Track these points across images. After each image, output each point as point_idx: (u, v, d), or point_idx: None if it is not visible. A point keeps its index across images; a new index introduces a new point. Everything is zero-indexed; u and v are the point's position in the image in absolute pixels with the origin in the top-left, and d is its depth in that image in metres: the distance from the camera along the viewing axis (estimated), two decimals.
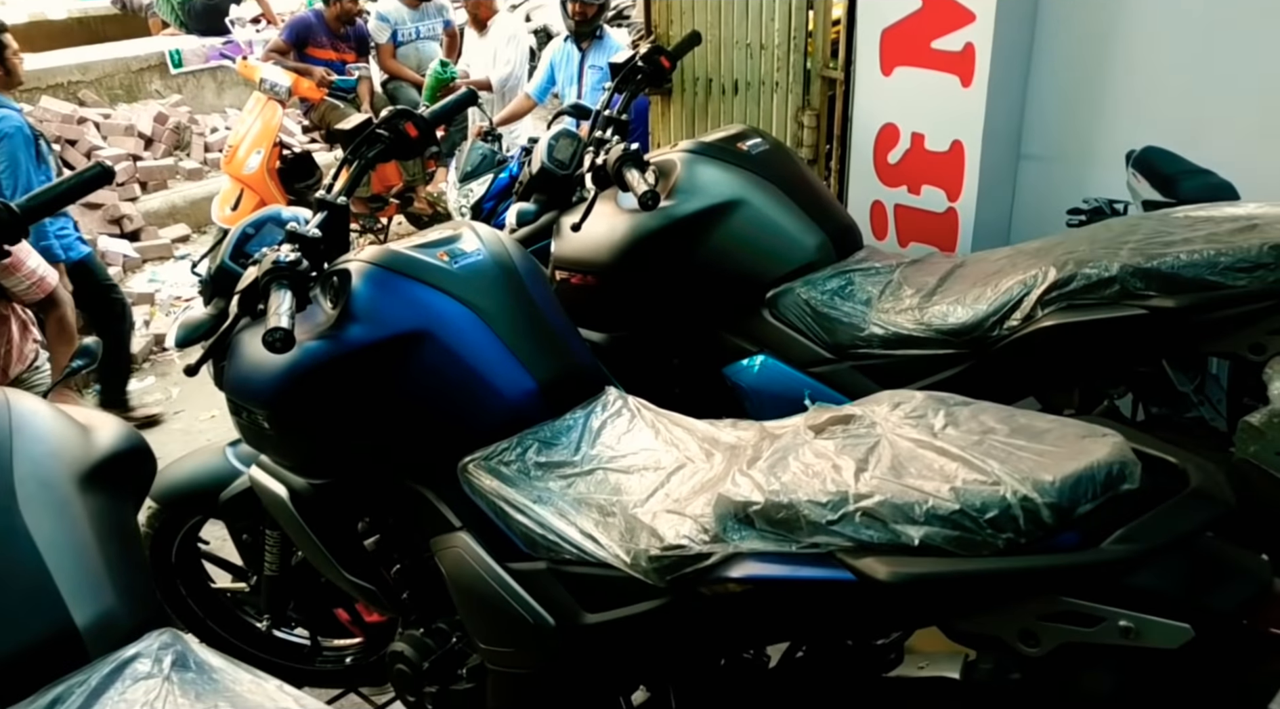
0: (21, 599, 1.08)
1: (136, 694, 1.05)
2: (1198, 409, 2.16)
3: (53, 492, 1.16)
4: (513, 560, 1.49)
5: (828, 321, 2.01)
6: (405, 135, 1.93)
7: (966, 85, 2.27)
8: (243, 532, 2.20)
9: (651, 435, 1.51)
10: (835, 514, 1.09)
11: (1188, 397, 2.15)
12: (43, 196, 1.54)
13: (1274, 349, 1.60)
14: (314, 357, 1.59)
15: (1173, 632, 0.96)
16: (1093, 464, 1.03)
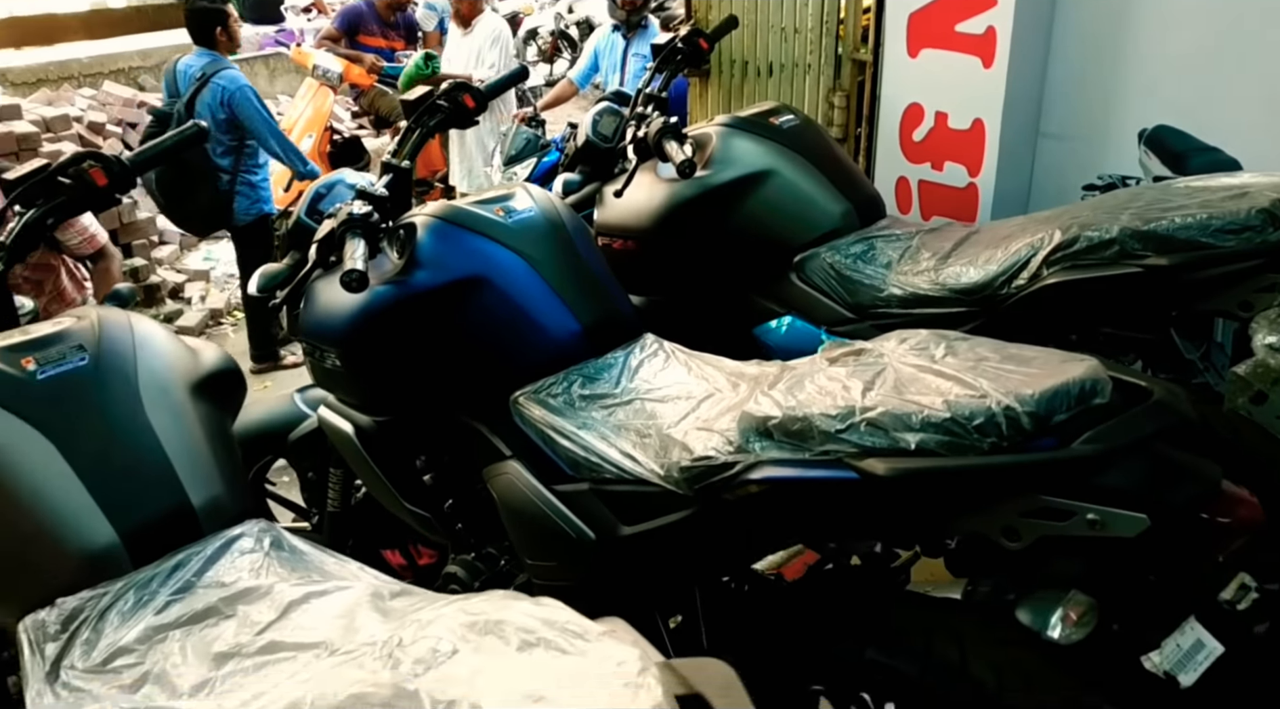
0: (149, 481, 1.27)
1: (243, 564, 1.24)
2: (1203, 375, 2.29)
3: (169, 397, 1.35)
4: (558, 483, 1.66)
5: (850, 284, 2.16)
6: (463, 106, 2.12)
7: (988, 66, 2.41)
8: (308, 471, 2.40)
9: (684, 371, 1.67)
10: (843, 424, 1.25)
11: (1194, 363, 2.28)
12: (147, 152, 1.73)
13: (1261, 306, 1.73)
14: (382, 300, 1.78)
15: (1132, 522, 1.11)
16: (1069, 381, 1.19)
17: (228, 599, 1.16)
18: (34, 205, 1.55)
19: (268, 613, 1.13)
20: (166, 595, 1.18)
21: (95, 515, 1.22)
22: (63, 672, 1.13)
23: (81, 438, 1.25)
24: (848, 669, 1.43)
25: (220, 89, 4.32)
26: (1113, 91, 2.39)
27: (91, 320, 1.37)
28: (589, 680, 0.86)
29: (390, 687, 0.89)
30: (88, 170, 1.56)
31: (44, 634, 1.16)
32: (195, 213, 4.52)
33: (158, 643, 1.12)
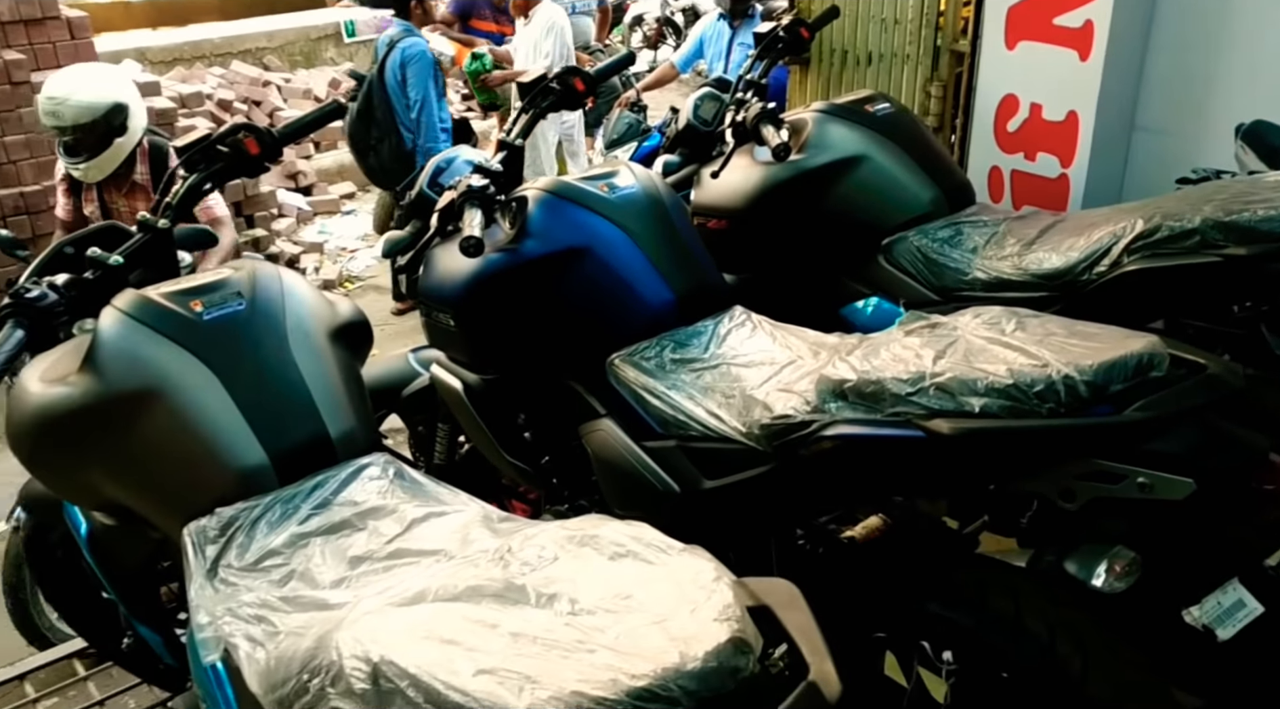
0: (294, 412, 1.45)
1: (372, 487, 1.41)
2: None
3: (311, 340, 1.53)
4: (647, 439, 1.80)
5: (936, 267, 2.24)
6: (573, 89, 2.28)
7: (1084, 59, 2.45)
8: (418, 425, 2.59)
9: (769, 340, 1.79)
10: (913, 388, 1.36)
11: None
12: (294, 126, 1.92)
13: None
14: (494, 266, 1.94)
15: (1179, 486, 1.20)
16: (1128, 354, 1.27)
17: (360, 514, 1.34)
18: (196, 170, 1.75)
19: (394, 527, 1.30)
20: (308, 509, 1.35)
21: (249, 439, 1.41)
22: (220, 570, 1.32)
23: (238, 371, 1.44)
24: (909, 620, 1.54)
25: (402, 53, 4.90)
26: (1211, 85, 2.41)
27: (248, 271, 1.56)
28: (669, 584, 1.00)
29: (502, 581, 1.04)
30: (243, 140, 1.73)
31: (205, 538, 1.35)
32: (379, 166, 5.07)
33: (301, 548, 1.29)
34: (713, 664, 0.88)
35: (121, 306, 1.47)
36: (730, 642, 0.91)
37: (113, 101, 3.29)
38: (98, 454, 1.46)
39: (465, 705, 0.87)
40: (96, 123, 3.27)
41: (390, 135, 4.96)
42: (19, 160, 4.88)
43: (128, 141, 3.39)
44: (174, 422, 1.41)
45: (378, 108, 4.92)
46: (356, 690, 0.96)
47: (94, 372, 1.43)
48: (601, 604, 0.98)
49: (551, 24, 5.61)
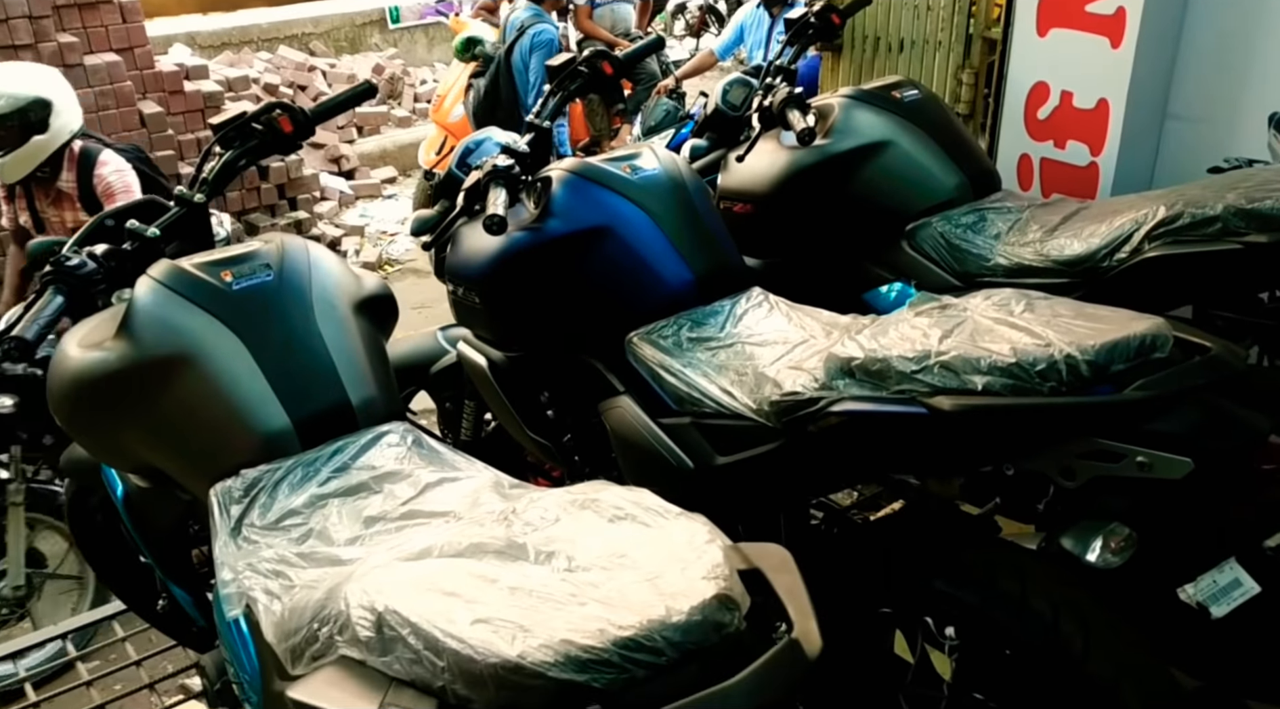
0: (317, 380, 1.51)
1: (390, 454, 1.46)
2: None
3: (336, 311, 1.59)
4: (663, 416, 1.84)
5: (959, 253, 2.24)
6: (602, 72, 2.31)
7: (1116, 46, 2.44)
8: (445, 401, 2.65)
9: (785, 320, 1.82)
10: (918, 366, 1.38)
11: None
12: (324, 105, 1.97)
13: None
14: (519, 244, 1.98)
15: (1177, 465, 1.21)
16: (1131, 335, 1.28)
17: (377, 478, 1.39)
18: (231, 147, 1.81)
19: (408, 490, 1.35)
20: (328, 472, 1.41)
21: (274, 404, 1.46)
22: (244, 528, 1.37)
23: (265, 339, 1.50)
24: (915, 596, 1.57)
25: (532, 39, 5.16)
26: (1245, 74, 2.38)
27: (277, 244, 1.62)
28: (663, 545, 1.04)
29: (504, 539, 1.08)
30: (277, 118, 1.79)
31: (230, 498, 1.41)
32: None
33: (319, 508, 1.35)
34: (697, 618, 0.92)
35: (156, 276, 1.53)
36: (716, 598, 0.94)
37: (34, 96, 3.24)
38: (131, 416, 1.52)
39: (461, 651, 0.91)
40: (13, 116, 3.22)
41: (514, 114, 5.18)
42: None
43: (48, 142, 3.32)
44: (203, 386, 1.47)
45: (503, 88, 5.21)
46: (362, 638, 1.00)
47: (129, 337, 1.49)
48: (597, 562, 1.02)
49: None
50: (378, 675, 0.98)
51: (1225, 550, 1.35)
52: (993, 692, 1.58)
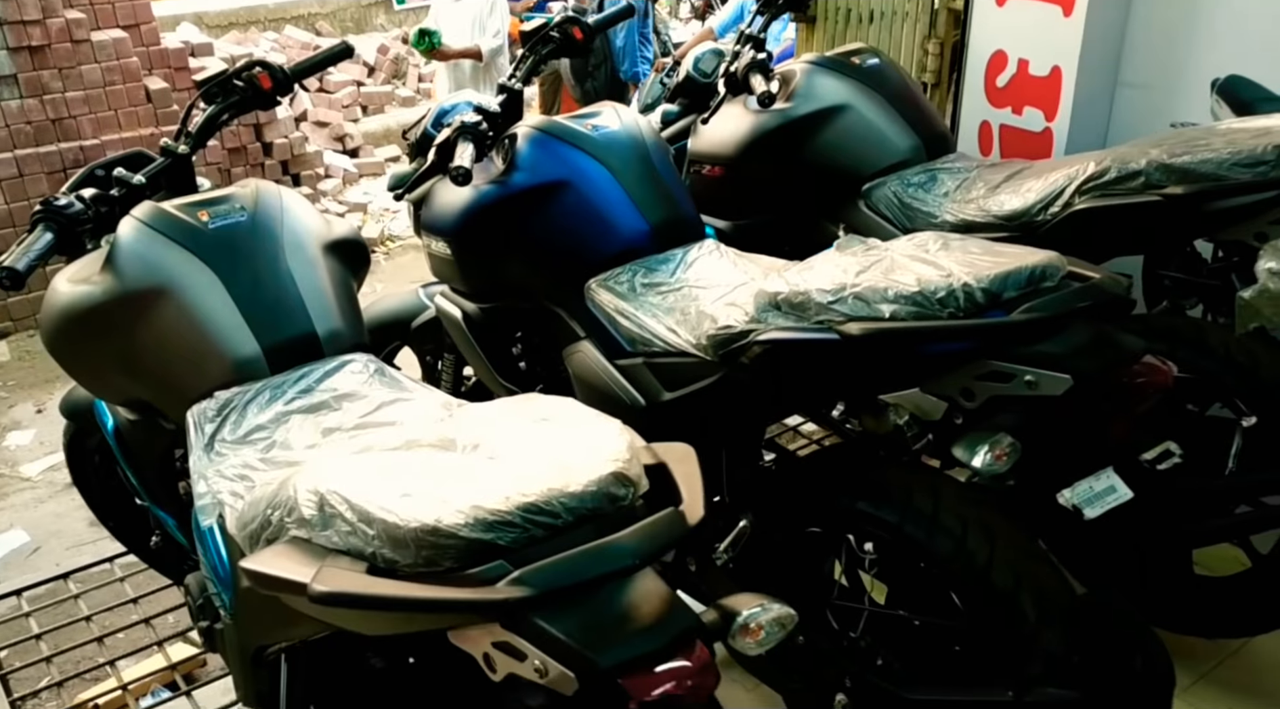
0: (284, 312, 1.63)
1: (352, 379, 1.59)
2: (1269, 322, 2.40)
3: (305, 251, 1.71)
4: (619, 358, 1.96)
5: (910, 211, 2.35)
6: (572, 38, 2.42)
7: (1068, 15, 2.53)
8: (426, 355, 2.78)
9: (730, 267, 1.94)
10: (834, 297, 1.50)
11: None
12: (303, 64, 2.09)
13: (1275, 237, 1.86)
14: (486, 196, 2.11)
15: (1058, 382, 1.33)
16: (1023, 265, 1.40)
17: (337, 398, 1.52)
18: (214, 102, 1.94)
19: (365, 407, 1.48)
20: (293, 393, 1.54)
21: (245, 333, 1.59)
22: (216, 443, 1.51)
23: (238, 274, 1.62)
24: (841, 517, 1.69)
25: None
26: (1191, 41, 2.48)
27: (252, 188, 1.75)
28: (578, 439, 1.16)
29: (437, 436, 1.21)
30: (257, 75, 1.93)
31: (204, 418, 1.54)
32: (594, 91, 5.62)
33: (283, 423, 1.48)
34: (593, 489, 1.04)
35: (138, 216, 1.66)
36: (613, 474, 1.07)
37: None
38: (116, 346, 1.65)
39: (388, 520, 1.04)
40: None
41: (605, 64, 5.59)
42: (79, 115, 5.16)
43: None
44: (181, 317, 1.60)
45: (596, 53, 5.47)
46: (307, 517, 1.13)
47: (113, 272, 1.62)
48: (514, 451, 1.15)
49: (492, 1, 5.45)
50: (319, 548, 1.11)
51: (1104, 460, 1.47)
52: (912, 606, 1.70)
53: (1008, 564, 1.49)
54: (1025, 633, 1.45)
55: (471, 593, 0.97)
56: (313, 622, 1.23)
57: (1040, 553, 1.50)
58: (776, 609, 1.08)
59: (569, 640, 0.96)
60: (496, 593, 0.96)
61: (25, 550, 3.74)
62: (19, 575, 3.34)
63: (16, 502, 3.99)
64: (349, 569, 1.05)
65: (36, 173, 5.05)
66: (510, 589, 0.96)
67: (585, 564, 0.99)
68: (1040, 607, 1.46)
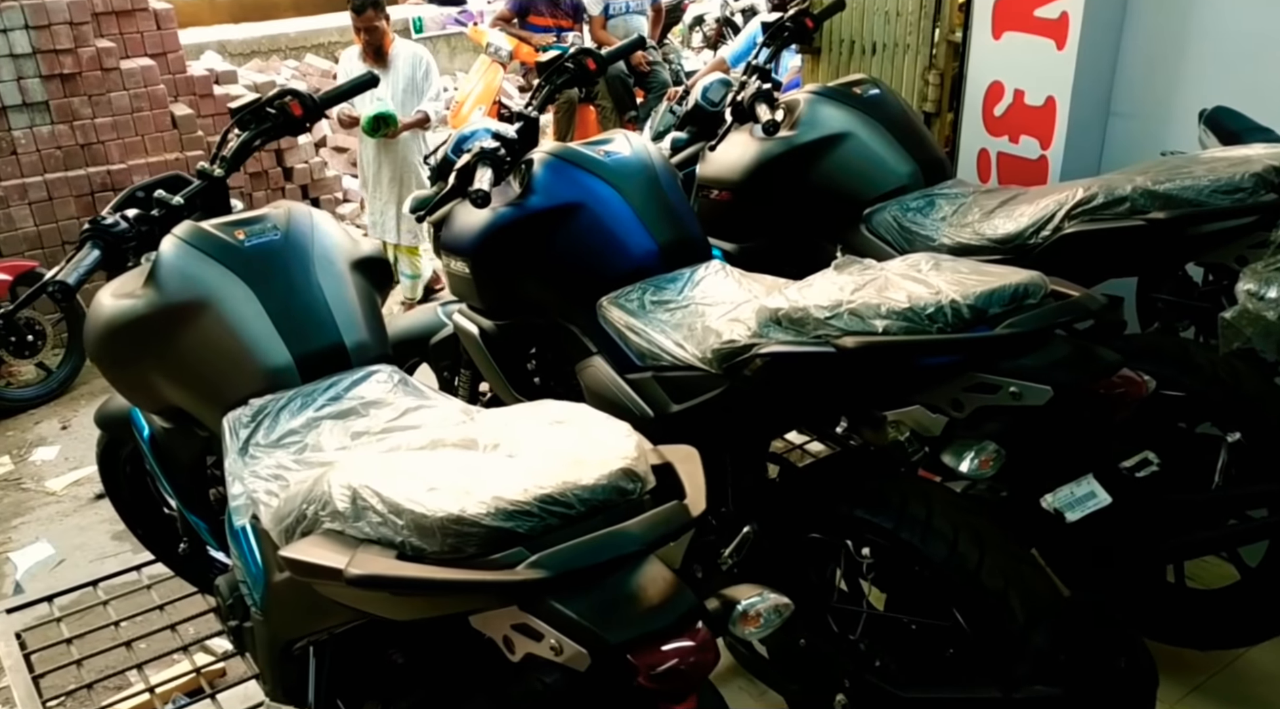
0: (315, 324, 1.74)
1: (378, 388, 1.69)
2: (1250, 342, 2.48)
3: (334, 267, 1.82)
4: (629, 372, 2.06)
5: (909, 234, 2.45)
6: (586, 68, 2.54)
7: (1061, 48, 2.65)
8: (444, 371, 2.88)
9: (735, 285, 2.04)
10: (831, 313, 1.60)
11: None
12: (332, 93, 2.21)
13: (1254, 260, 1.95)
14: (503, 219, 2.22)
15: (1039, 393, 1.43)
16: (1007, 284, 1.50)
17: (364, 405, 1.62)
18: (248, 128, 2.05)
19: (392, 414, 1.58)
20: (323, 401, 1.64)
21: (278, 343, 1.69)
22: (250, 447, 1.61)
23: (271, 289, 1.73)
24: (839, 523, 1.78)
25: None
26: (1180, 74, 2.58)
27: (285, 209, 1.86)
28: (590, 440, 1.26)
29: (460, 437, 1.31)
30: (288, 103, 2.04)
31: (239, 424, 1.64)
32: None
33: (314, 428, 1.58)
34: (603, 482, 1.14)
35: (179, 234, 1.78)
36: (621, 470, 1.17)
37: None
38: (156, 355, 1.76)
39: (416, 511, 1.14)
40: None
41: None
42: (107, 140, 5.31)
43: None
44: (218, 328, 1.70)
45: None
46: (340, 510, 1.23)
47: (155, 286, 1.73)
48: (532, 450, 1.24)
49: (425, 61, 5.30)
50: (351, 538, 1.21)
51: (1084, 467, 1.56)
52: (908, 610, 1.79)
53: (997, 567, 1.57)
54: (1014, 633, 1.53)
55: (493, 575, 1.07)
56: (343, 611, 1.32)
57: (1029, 557, 1.59)
58: (774, 598, 1.17)
59: (582, 620, 1.05)
60: (516, 575, 1.06)
61: (50, 562, 3.84)
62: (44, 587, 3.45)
63: (42, 515, 4.09)
64: (381, 556, 1.14)
65: (65, 196, 5.20)
66: (528, 571, 1.06)
67: (596, 549, 1.08)
68: (1028, 608, 1.54)
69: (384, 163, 5.35)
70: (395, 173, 5.33)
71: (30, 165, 5.12)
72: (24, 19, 4.96)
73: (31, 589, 3.46)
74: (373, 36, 5.18)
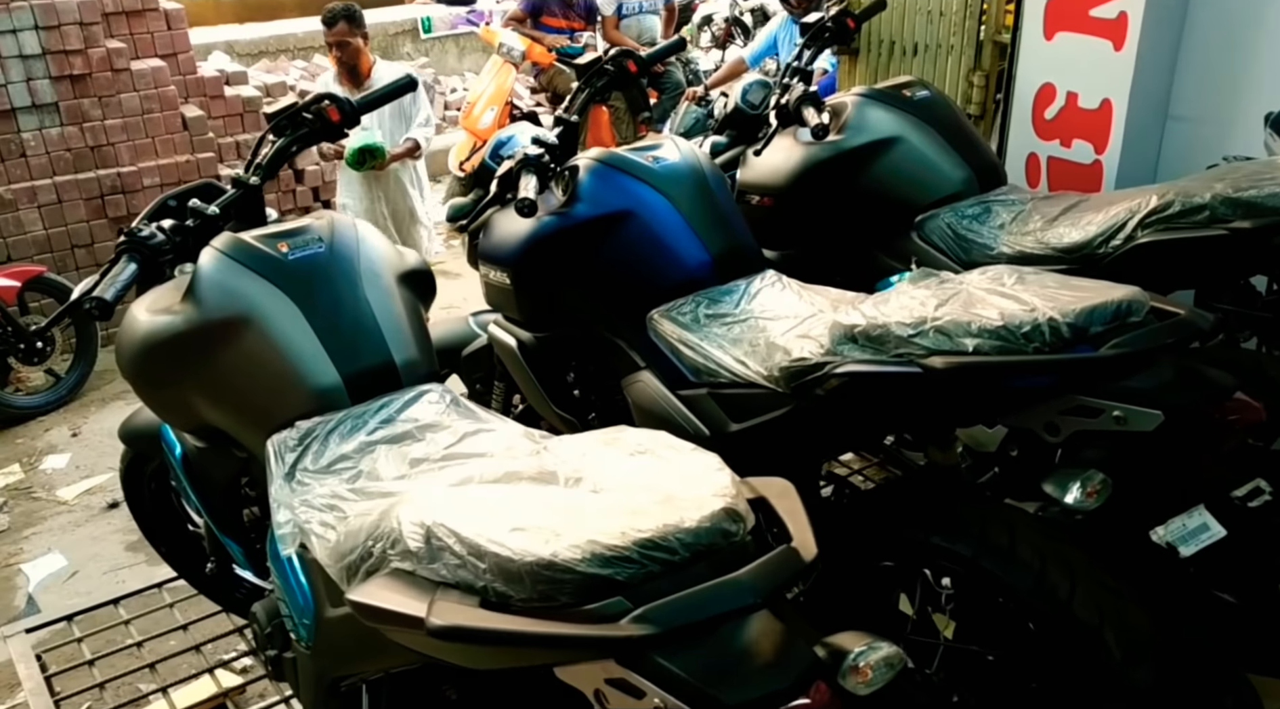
0: (364, 341, 1.65)
1: (431, 409, 1.60)
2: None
3: (381, 280, 1.73)
4: (681, 388, 1.96)
5: (965, 242, 2.36)
6: (626, 70, 2.45)
7: (1118, 49, 2.56)
8: (476, 383, 2.79)
9: (796, 298, 1.95)
10: (914, 330, 1.51)
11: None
12: (369, 97, 2.12)
13: None
14: (546, 228, 2.13)
15: (1149, 418, 1.33)
16: (1109, 300, 1.41)
17: (420, 428, 1.53)
18: (283, 134, 1.96)
19: (449, 438, 1.49)
20: (375, 423, 1.55)
21: (326, 363, 1.60)
22: (297, 472, 1.51)
23: (317, 305, 1.64)
24: (915, 550, 1.68)
25: None
26: (1243, 75, 2.49)
27: (328, 220, 1.77)
28: (678, 473, 1.17)
29: (536, 468, 1.22)
30: (325, 108, 1.95)
31: (285, 447, 1.55)
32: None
33: (368, 453, 1.49)
34: (707, 525, 1.05)
35: (219, 247, 1.68)
36: (724, 510, 1.07)
37: None
38: (196, 374, 1.67)
39: (500, 554, 1.04)
40: None
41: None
42: (117, 142, 5.21)
43: None
44: (262, 346, 1.61)
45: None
46: (413, 550, 1.14)
47: (195, 301, 1.64)
48: (619, 485, 1.15)
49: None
50: (425, 581, 1.12)
51: (1195, 498, 1.47)
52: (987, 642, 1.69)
53: (1090, 599, 1.48)
54: (1111, 670, 1.44)
55: (594, 629, 0.97)
56: (406, 654, 1.23)
57: (1124, 589, 1.49)
58: (885, 648, 1.08)
59: (692, 679, 0.96)
60: (620, 630, 0.96)
61: (63, 574, 3.75)
62: (57, 599, 3.36)
63: (53, 525, 4.00)
64: (463, 603, 1.05)
65: (75, 199, 5.10)
66: (634, 626, 0.96)
67: (708, 602, 0.99)
68: (1126, 644, 1.45)
69: (374, 198, 4.87)
70: (387, 208, 4.90)
71: (39, 168, 5.02)
72: (34, 19, 4.85)
73: (44, 601, 3.38)
74: (345, 54, 4.63)
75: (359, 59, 4.66)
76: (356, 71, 4.66)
